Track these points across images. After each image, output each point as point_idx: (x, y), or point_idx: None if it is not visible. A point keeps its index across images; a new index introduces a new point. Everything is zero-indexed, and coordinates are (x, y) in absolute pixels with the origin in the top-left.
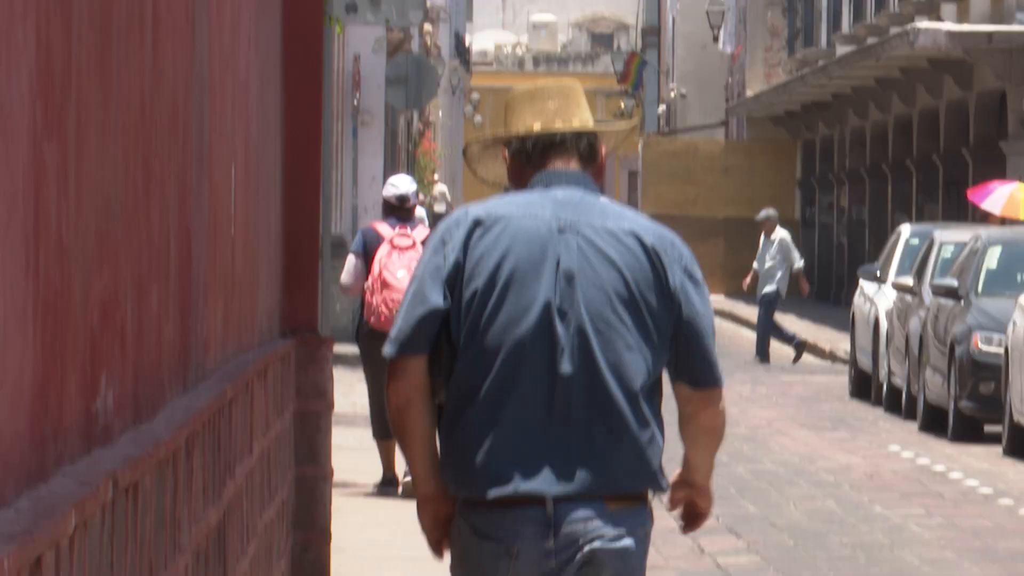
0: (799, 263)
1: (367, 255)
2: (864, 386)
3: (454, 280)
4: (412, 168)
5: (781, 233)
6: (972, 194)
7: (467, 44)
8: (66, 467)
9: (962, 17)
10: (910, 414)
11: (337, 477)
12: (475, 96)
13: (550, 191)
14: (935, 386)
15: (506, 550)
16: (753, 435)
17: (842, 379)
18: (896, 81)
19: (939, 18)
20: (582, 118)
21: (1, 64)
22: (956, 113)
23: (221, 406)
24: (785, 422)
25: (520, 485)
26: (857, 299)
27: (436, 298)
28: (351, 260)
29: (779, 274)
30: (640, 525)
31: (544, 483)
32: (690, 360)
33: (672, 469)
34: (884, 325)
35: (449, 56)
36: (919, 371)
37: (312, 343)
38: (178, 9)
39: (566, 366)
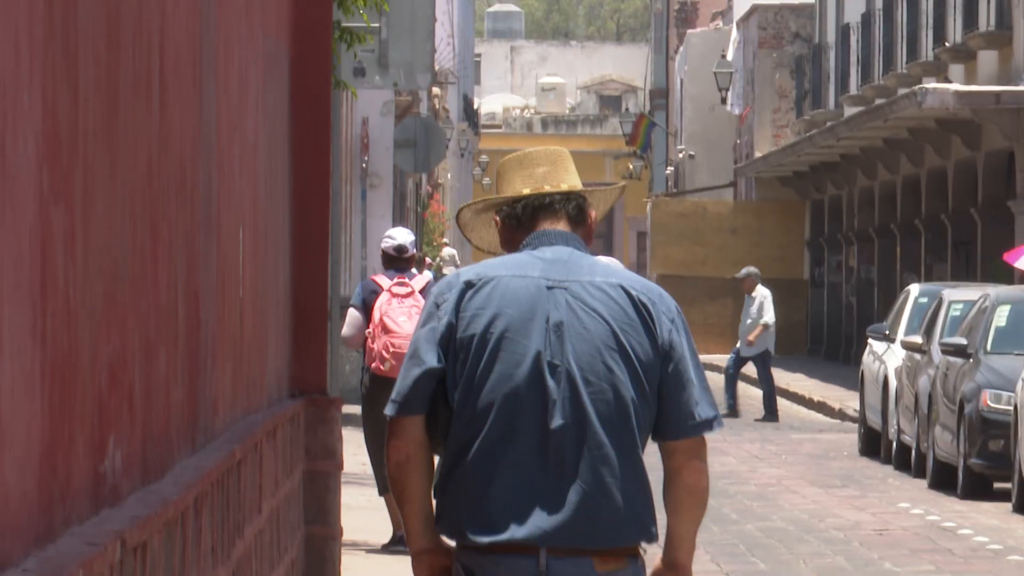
0: (767, 318)
1: (366, 307)
2: (873, 444)
3: (448, 341)
4: (421, 230)
5: (762, 291)
6: (1008, 256)
7: (476, 107)
8: (74, 528)
9: (970, 78)
10: (919, 471)
11: (346, 537)
12: (484, 159)
13: (539, 251)
14: (944, 443)
15: None
16: (762, 493)
17: (851, 437)
18: (904, 141)
19: (947, 79)
20: (570, 182)
21: (8, 129)
22: (964, 173)
23: (230, 466)
24: (794, 480)
25: (513, 533)
26: (866, 358)
27: (431, 359)
28: (351, 313)
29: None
30: None
31: (537, 533)
32: (675, 408)
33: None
34: (893, 383)
35: (457, 119)
36: (928, 429)
37: (321, 404)
38: (185, 73)
39: (557, 419)
